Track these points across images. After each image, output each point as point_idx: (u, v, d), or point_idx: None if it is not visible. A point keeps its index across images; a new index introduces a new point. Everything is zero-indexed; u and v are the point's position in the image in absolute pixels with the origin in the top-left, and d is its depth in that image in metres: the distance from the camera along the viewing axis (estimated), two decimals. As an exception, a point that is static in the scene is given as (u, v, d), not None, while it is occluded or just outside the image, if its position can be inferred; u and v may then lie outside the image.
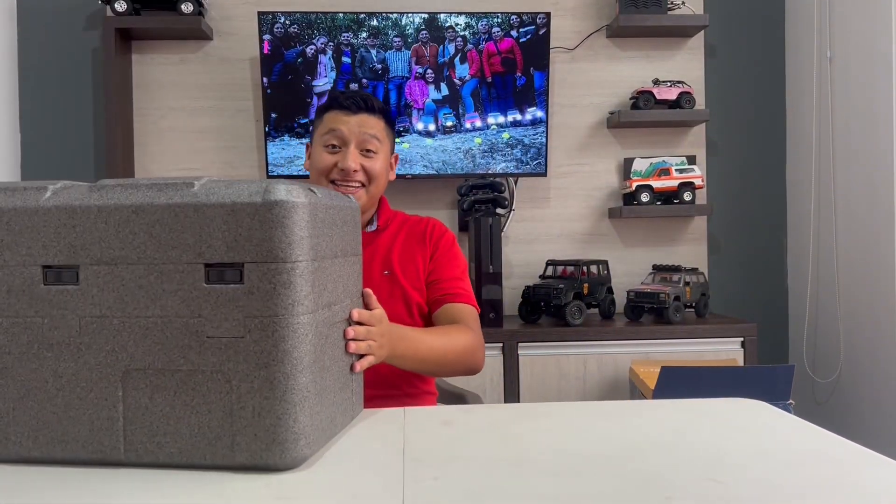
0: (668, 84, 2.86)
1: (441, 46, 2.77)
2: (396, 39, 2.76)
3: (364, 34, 2.75)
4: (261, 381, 0.83)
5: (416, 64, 2.78)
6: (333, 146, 1.51)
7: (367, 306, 1.15)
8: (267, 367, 0.83)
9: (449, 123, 2.80)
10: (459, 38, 2.78)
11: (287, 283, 0.83)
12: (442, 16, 2.77)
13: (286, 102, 2.75)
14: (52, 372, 0.87)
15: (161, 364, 0.84)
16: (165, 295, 0.84)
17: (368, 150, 1.52)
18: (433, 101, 2.79)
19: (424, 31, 2.76)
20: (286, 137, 2.76)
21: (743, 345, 2.60)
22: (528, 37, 2.80)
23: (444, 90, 2.79)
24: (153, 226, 0.84)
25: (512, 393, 2.56)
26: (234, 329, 0.83)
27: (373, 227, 1.58)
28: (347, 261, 1.02)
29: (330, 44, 2.74)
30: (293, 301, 0.83)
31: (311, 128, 1.70)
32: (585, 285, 2.69)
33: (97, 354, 0.86)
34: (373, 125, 1.53)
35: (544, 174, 2.85)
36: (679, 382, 2.07)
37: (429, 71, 2.78)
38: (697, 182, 2.86)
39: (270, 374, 0.82)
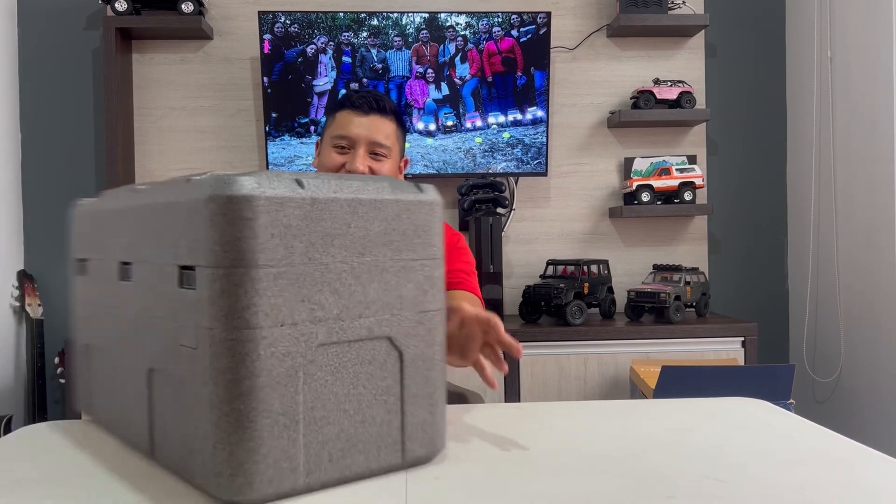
0: (669, 84, 2.87)
1: (441, 46, 2.77)
2: (397, 39, 2.76)
3: (364, 34, 2.75)
4: (206, 401, 0.72)
5: (417, 63, 2.78)
6: (343, 147, 1.51)
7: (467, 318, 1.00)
8: (212, 385, 0.71)
9: (449, 123, 2.80)
10: (460, 38, 2.78)
11: (233, 291, 0.70)
12: (442, 15, 2.77)
13: (286, 102, 2.75)
14: (117, 365, 0.94)
15: (162, 367, 0.82)
16: (162, 297, 0.80)
17: (377, 154, 1.51)
18: (433, 100, 2.79)
19: (425, 31, 2.76)
20: (286, 137, 2.76)
21: (743, 344, 2.60)
22: (529, 36, 2.80)
23: (445, 90, 2.79)
24: (153, 225, 0.82)
25: (512, 393, 2.56)
26: (189, 339, 0.74)
27: None
28: (380, 265, 0.81)
29: (330, 43, 2.74)
30: (244, 312, 0.70)
31: (321, 126, 1.68)
32: (586, 285, 2.69)
33: (134, 352, 0.88)
34: (384, 127, 1.51)
35: (545, 174, 2.85)
36: (680, 382, 2.07)
37: (429, 70, 2.78)
38: (698, 182, 2.86)
39: (212, 393, 0.71)
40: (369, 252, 0.80)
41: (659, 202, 2.87)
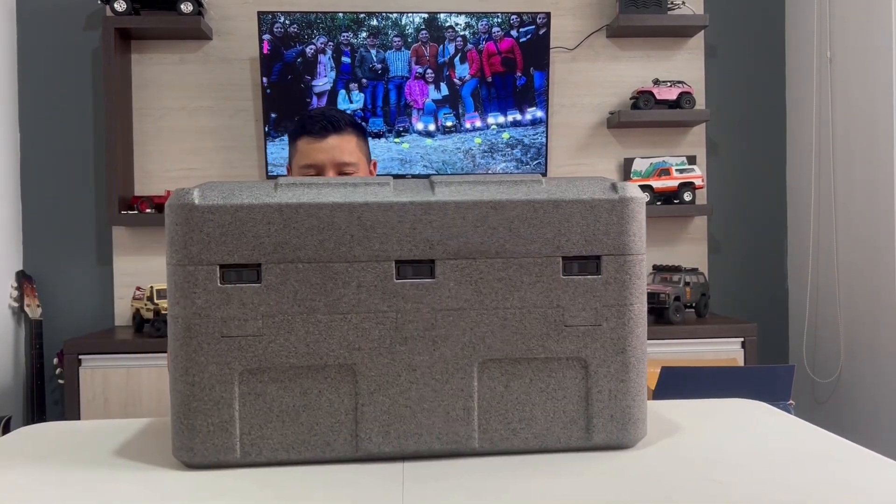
0: (669, 84, 2.87)
1: (441, 46, 2.77)
2: (396, 39, 2.76)
3: (364, 34, 2.75)
4: (617, 365, 0.89)
5: (416, 64, 2.78)
6: (313, 176, 1.55)
7: None
8: (623, 353, 0.88)
9: (449, 123, 2.80)
10: (459, 38, 2.78)
11: (638, 273, 0.89)
12: (442, 15, 2.77)
13: (286, 102, 2.75)
14: (405, 366, 0.88)
15: (519, 353, 0.87)
16: (524, 287, 0.88)
17: (345, 172, 1.56)
18: (433, 101, 2.79)
19: (424, 31, 2.76)
20: (286, 137, 2.75)
21: (743, 345, 2.60)
22: (529, 37, 2.80)
23: (444, 90, 2.79)
24: (512, 221, 0.87)
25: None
26: (591, 317, 0.89)
27: None
28: None
29: (330, 43, 2.74)
30: (640, 290, 0.89)
31: (288, 150, 1.74)
32: (585, 285, 2.69)
33: (454, 347, 0.88)
34: (345, 145, 1.56)
35: (544, 174, 2.85)
36: (679, 382, 2.07)
37: (429, 71, 2.78)
38: (697, 182, 2.86)
39: (626, 359, 0.88)
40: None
41: (659, 202, 2.87)
